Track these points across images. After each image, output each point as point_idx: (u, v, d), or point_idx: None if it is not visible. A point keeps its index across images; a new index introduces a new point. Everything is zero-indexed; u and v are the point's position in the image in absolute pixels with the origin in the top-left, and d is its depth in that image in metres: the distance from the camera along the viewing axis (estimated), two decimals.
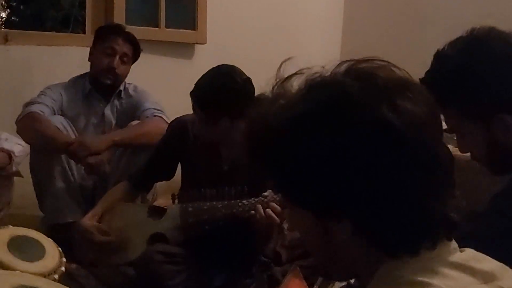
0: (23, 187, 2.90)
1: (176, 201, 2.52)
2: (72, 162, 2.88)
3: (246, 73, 2.36)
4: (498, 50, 1.31)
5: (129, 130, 2.96)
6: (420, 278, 0.79)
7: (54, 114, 2.96)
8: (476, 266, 0.82)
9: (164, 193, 3.02)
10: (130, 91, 3.15)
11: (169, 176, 2.69)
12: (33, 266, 1.63)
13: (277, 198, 2.30)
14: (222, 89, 2.30)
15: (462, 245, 0.87)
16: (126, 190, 2.64)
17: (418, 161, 0.78)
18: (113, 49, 2.98)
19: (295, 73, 0.89)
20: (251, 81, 2.36)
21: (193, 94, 2.34)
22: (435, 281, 0.78)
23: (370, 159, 0.77)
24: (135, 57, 3.08)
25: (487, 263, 0.85)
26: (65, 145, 2.80)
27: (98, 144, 2.82)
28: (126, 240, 2.51)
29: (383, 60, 0.85)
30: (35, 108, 2.89)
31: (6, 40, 3.43)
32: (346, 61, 0.85)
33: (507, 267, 0.87)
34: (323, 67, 0.86)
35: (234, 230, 2.40)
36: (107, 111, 3.09)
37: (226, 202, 2.37)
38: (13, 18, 9.14)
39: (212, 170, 2.51)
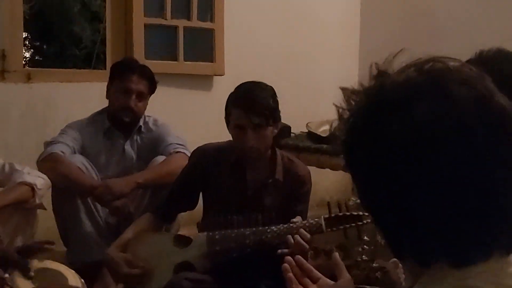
0: (47, 221, 2.92)
1: (202, 229, 2.52)
2: None
3: None
4: (506, 72, 1.30)
5: (153, 171, 2.95)
6: None
7: (75, 153, 2.98)
8: None
9: (185, 223, 3.03)
10: (151, 124, 3.15)
11: (192, 206, 2.69)
12: None
13: (307, 224, 2.30)
14: (269, 97, 2.40)
15: None
16: (151, 222, 2.63)
17: None
18: (129, 88, 2.97)
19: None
20: None
21: (241, 103, 2.38)
22: None
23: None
24: (151, 91, 3.08)
25: None
26: (91, 189, 2.82)
27: (122, 187, 2.84)
28: (151, 269, 2.49)
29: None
30: (56, 148, 2.91)
31: (29, 78, 3.51)
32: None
33: None
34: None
35: (263, 258, 2.39)
36: (127, 147, 3.09)
37: (254, 229, 2.37)
38: (36, 57, 9.32)
39: (236, 195, 2.51)
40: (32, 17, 8.25)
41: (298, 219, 2.34)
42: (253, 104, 2.37)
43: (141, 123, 3.10)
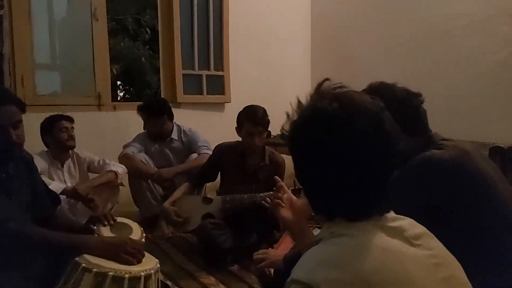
0: (126, 193, 2.91)
1: (219, 194, 2.51)
2: None
3: None
4: (385, 97, 1.19)
5: (187, 165, 2.90)
6: (341, 231, 0.73)
7: (140, 152, 2.96)
8: (389, 225, 0.74)
9: (209, 190, 2.99)
10: (187, 132, 3.09)
11: (213, 179, 2.67)
12: None
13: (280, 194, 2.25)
14: (266, 115, 2.39)
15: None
16: (188, 188, 2.61)
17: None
18: (156, 123, 2.95)
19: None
20: None
21: (258, 122, 2.34)
22: (350, 232, 0.72)
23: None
24: (172, 117, 3.03)
25: (399, 221, 0.76)
26: (149, 176, 2.81)
27: (168, 175, 2.82)
28: (189, 217, 2.48)
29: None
30: (129, 150, 2.90)
31: (114, 108, 3.48)
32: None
33: (415, 222, 0.78)
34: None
35: (254, 211, 2.38)
36: (166, 149, 3.04)
37: (250, 194, 2.36)
38: (120, 94, 9.29)
39: (241, 173, 2.49)
40: (120, 71, 8.24)
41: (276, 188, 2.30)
42: (259, 119, 2.34)
43: (172, 135, 3.04)
